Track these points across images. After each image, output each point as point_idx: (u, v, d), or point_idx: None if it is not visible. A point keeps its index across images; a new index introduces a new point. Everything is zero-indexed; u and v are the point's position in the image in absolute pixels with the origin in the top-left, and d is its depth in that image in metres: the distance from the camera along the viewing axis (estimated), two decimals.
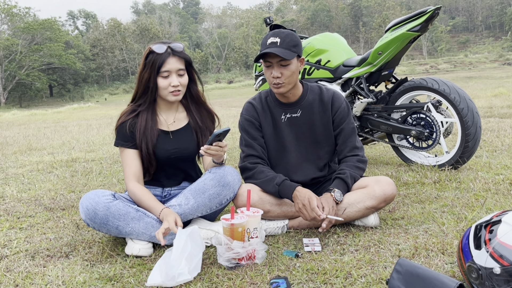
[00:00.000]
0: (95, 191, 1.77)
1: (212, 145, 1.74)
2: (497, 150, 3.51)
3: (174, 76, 1.87)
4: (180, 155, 1.98)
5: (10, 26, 49.32)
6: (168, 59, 1.85)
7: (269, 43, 1.86)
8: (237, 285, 1.44)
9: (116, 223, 1.72)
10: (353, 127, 2.04)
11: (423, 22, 2.72)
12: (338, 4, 74.22)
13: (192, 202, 1.84)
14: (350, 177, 1.93)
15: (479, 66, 40.36)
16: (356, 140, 2.04)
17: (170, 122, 2.00)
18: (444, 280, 1.19)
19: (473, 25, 76.37)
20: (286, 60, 1.85)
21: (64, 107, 26.21)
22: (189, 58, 1.93)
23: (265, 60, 1.90)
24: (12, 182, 3.43)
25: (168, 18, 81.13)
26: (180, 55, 1.89)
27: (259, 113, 2.05)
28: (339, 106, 2.02)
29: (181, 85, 1.90)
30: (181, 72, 1.90)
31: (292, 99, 2.02)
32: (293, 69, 1.89)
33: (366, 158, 2.04)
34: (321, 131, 2.03)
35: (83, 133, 7.82)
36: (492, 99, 8.51)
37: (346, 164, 1.99)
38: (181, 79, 1.90)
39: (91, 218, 1.71)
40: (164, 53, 1.85)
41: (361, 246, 1.71)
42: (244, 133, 2.04)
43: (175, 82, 1.87)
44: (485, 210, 2.04)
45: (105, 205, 1.71)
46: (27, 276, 1.60)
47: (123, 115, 1.95)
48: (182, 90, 1.92)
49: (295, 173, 2.05)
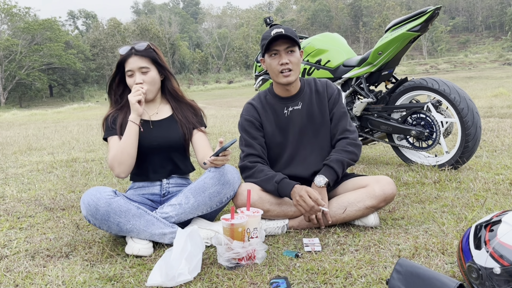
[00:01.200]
0: (96, 187, 1.77)
1: (218, 156, 1.78)
2: (497, 150, 3.51)
3: (137, 74, 1.96)
4: (162, 143, 2.00)
5: (10, 26, 49.32)
6: (129, 59, 1.96)
7: (274, 33, 1.91)
8: (237, 285, 1.44)
9: (117, 220, 1.72)
10: (344, 111, 2.08)
11: (423, 22, 2.72)
12: (338, 4, 74.22)
13: (192, 201, 1.84)
14: (336, 161, 1.94)
15: (479, 66, 40.37)
16: (348, 123, 2.06)
17: (152, 113, 2.06)
18: (444, 280, 1.19)
19: (473, 25, 76.38)
20: (293, 47, 1.93)
21: (64, 107, 26.23)
22: (153, 56, 1.99)
23: (271, 50, 1.94)
24: (12, 182, 3.43)
25: (168, 18, 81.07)
26: (141, 53, 1.96)
27: (260, 112, 2.07)
28: (332, 93, 2.09)
29: (145, 82, 1.96)
30: (144, 70, 1.96)
31: (293, 91, 2.06)
32: (298, 57, 1.97)
33: (359, 142, 2.04)
34: (320, 121, 2.07)
35: (83, 133, 7.82)
36: (492, 99, 8.51)
37: (334, 150, 2.01)
38: (145, 77, 1.97)
39: (92, 214, 1.71)
40: (125, 54, 1.97)
41: (361, 246, 1.71)
42: (244, 133, 2.05)
43: (138, 79, 1.95)
44: (485, 210, 2.04)
45: (107, 201, 1.71)
46: (27, 276, 1.60)
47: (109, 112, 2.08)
48: (147, 87, 1.97)
49: (298, 166, 2.06)
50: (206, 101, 21.21)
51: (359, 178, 2.01)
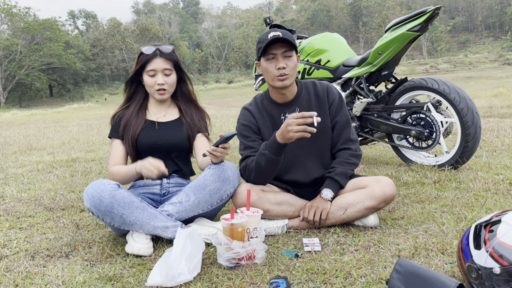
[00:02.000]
0: (100, 180, 1.78)
1: (218, 147, 1.77)
2: (497, 150, 3.51)
3: (160, 75, 2.00)
4: (166, 143, 2.03)
5: (10, 26, 49.34)
6: (155, 59, 2.00)
7: (271, 36, 1.87)
8: (237, 285, 1.44)
9: (121, 211, 1.72)
10: (347, 119, 2.05)
11: (423, 22, 2.72)
12: (338, 4, 74.22)
13: (193, 199, 1.85)
14: (340, 174, 1.96)
15: (479, 66, 40.38)
16: (351, 132, 2.05)
17: (160, 115, 2.10)
18: (444, 280, 1.19)
19: (473, 25, 76.39)
20: (290, 51, 1.89)
21: (64, 107, 26.24)
22: (176, 59, 2.05)
23: (268, 53, 1.90)
24: (12, 182, 3.43)
25: (168, 18, 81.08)
26: (167, 56, 2.02)
27: (256, 117, 2.05)
28: (334, 98, 2.04)
29: (167, 84, 2.02)
30: (167, 72, 2.02)
31: (290, 97, 2.02)
32: (295, 61, 1.93)
33: (360, 152, 2.04)
34: (320, 127, 2.02)
35: (83, 133, 7.82)
36: (492, 99, 8.51)
37: (337, 161, 2.01)
38: (167, 78, 2.02)
39: (96, 206, 1.71)
40: (151, 54, 2.00)
41: (361, 246, 1.71)
42: (242, 138, 2.04)
43: (160, 80, 1.99)
44: (485, 210, 2.04)
45: (111, 193, 1.72)
46: (27, 276, 1.60)
47: (117, 109, 2.13)
48: (168, 89, 2.04)
49: (298, 172, 2.05)
50: (206, 101, 21.21)
51: (359, 178, 2.00)
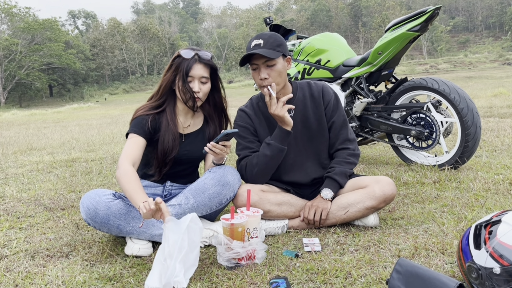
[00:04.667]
0: (95, 190, 1.77)
1: (218, 144, 1.76)
2: (497, 150, 3.51)
3: (196, 82, 1.89)
4: (189, 158, 2.01)
5: (10, 26, 49.30)
6: (194, 65, 1.88)
7: (252, 45, 1.86)
8: (237, 285, 1.44)
9: (117, 222, 1.72)
10: (344, 119, 2.05)
11: (423, 22, 2.72)
12: (337, 4, 74.19)
13: (192, 202, 1.84)
14: (340, 173, 1.96)
15: (479, 66, 40.37)
16: (348, 132, 2.04)
17: (186, 125, 2.03)
18: (444, 280, 1.19)
19: (473, 25, 76.37)
20: (272, 60, 1.85)
21: (64, 107, 26.23)
22: (215, 66, 1.95)
23: (251, 63, 1.89)
24: (12, 182, 3.43)
25: (168, 18, 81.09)
26: (206, 62, 1.91)
27: (253, 119, 2.05)
28: (329, 99, 2.03)
29: (202, 92, 1.91)
30: (204, 80, 1.91)
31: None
32: (279, 69, 1.88)
33: (358, 151, 2.04)
34: (316, 126, 2.03)
35: (83, 133, 7.82)
36: (492, 99, 8.51)
37: (336, 161, 2.01)
38: (203, 87, 1.91)
39: (92, 218, 1.71)
40: (190, 59, 1.88)
41: (361, 246, 1.71)
42: (240, 139, 2.05)
43: (196, 88, 1.88)
44: (485, 210, 2.04)
45: (106, 205, 1.71)
46: (27, 276, 1.60)
47: (144, 108, 1.94)
48: (201, 97, 1.92)
49: (297, 173, 2.04)
50: None
51: (359, 178, 2.00)
